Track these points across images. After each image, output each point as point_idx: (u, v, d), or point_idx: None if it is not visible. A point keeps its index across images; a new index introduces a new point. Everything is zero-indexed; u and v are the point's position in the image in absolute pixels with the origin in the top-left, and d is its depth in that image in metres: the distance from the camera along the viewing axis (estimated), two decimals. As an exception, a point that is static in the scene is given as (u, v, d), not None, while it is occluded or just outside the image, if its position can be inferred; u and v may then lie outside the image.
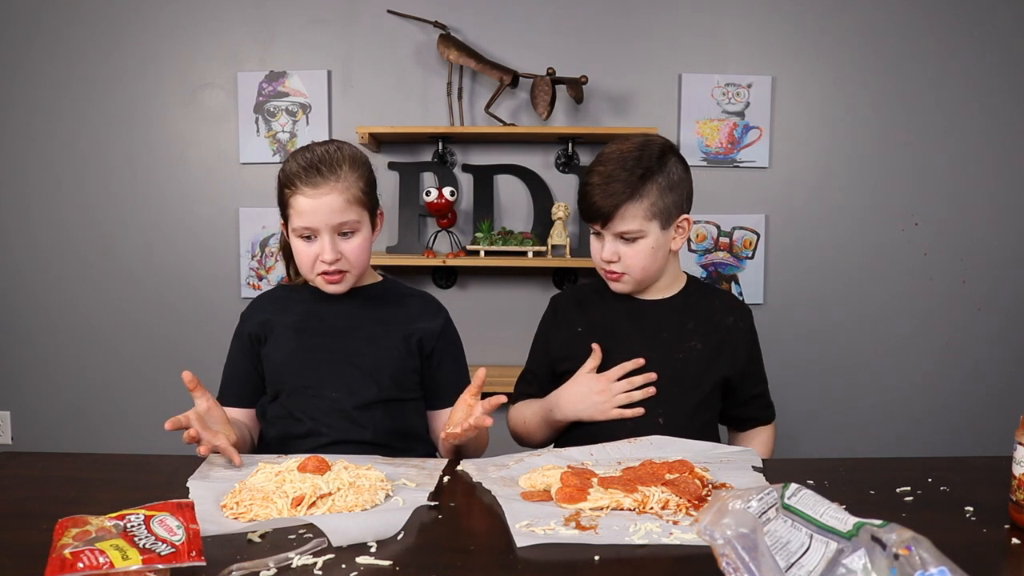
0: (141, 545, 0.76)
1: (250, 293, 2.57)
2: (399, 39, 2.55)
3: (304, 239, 1.34)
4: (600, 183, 1.37)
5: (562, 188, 2.57)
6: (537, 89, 2.43)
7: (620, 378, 1.40)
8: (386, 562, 0.84)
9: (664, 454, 1.20)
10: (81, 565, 0.71)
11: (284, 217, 1.38)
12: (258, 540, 0.90)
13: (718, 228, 2.60)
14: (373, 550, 0.87)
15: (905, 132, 2.56)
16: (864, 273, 2.60)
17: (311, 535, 0.89)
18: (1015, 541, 0.91)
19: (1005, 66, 2.53)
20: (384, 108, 2.57)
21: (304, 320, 1.41)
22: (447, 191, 2.43)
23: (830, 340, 2.62)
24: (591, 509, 0.99)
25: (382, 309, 1.44)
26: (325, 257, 1.32)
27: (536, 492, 1.05)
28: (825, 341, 2.61)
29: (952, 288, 2.60)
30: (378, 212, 1.42)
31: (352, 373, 1.37)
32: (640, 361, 1.40)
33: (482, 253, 2.44)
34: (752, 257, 2.60)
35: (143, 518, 0.80)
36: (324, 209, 1.30)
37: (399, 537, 0.91)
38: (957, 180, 2.57)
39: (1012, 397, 2.57)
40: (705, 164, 2.57)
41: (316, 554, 0.85)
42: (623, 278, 1.43)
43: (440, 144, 2.54)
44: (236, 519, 0.95)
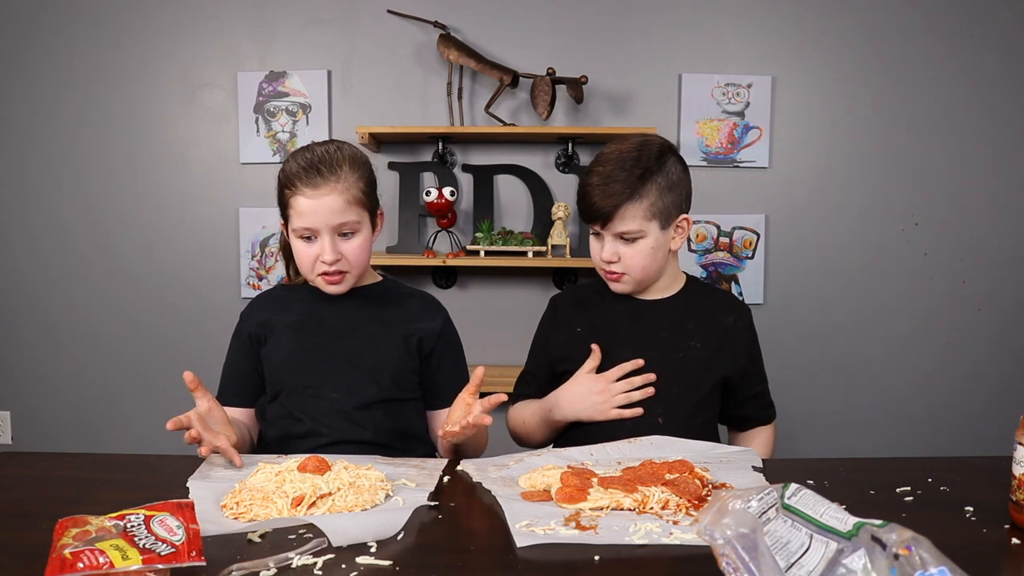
0: (141, 545, 0.76)
1: (250, 293, 2.57)
2: (399, 39, 2.55)
3: (304, 240, 1.34)
4: (599, 183, 1.37)
5: (562, 188, 2.57)
6: (537, 89, 2.42)
7: (620, 378, 1.40)
8: (386, 562, 0.84)
9: (664, 454, 1.20)
10: (81, 565, 0.72)
11: (284, 217, 1.38)
12: (258, 540, 0.90)
13: (718, 228, 2.60)
14: (373, 550, 0.87)
15: (905, 132, 2.56)
16: (864, 273, 2.60)
17: (311, 535, 0.89)
18: (1015, 541, 0.91)
19: (1005, 66, 2.53)
20: (384, 108, 2.57)
21: (304, 320, 1.41)
22: (447, 191, 2.43)
23: (830, 340, 2.62)
24: (591, 509, 0.99)
25: (382, 309, 1.43)
26: (325, 258, 1.32)
27: (536, 492, 1.05)
28: (825, 341, 2.62)
29: (952, 288, 2.60)
30: (378, 212, 1.42)
31: (352, 373, 1.37)
32: (640, 362, 1.40)
33: (482, 253, 2.44)
34: (752, 257, 2.60)
35: (143, 518, 0.80)
36: (324, 210, 1.30)
37: (399, 537, 0.91)
38: (957, 180, 2.57)
39: (1012, 397, 2.57)
40: (705, 164, 2.57)
41: (316, 554, 0.85)
42: (623, 278, 1.43)
43: (440, 144, 2.54)
44: (236, 519, 0.95)
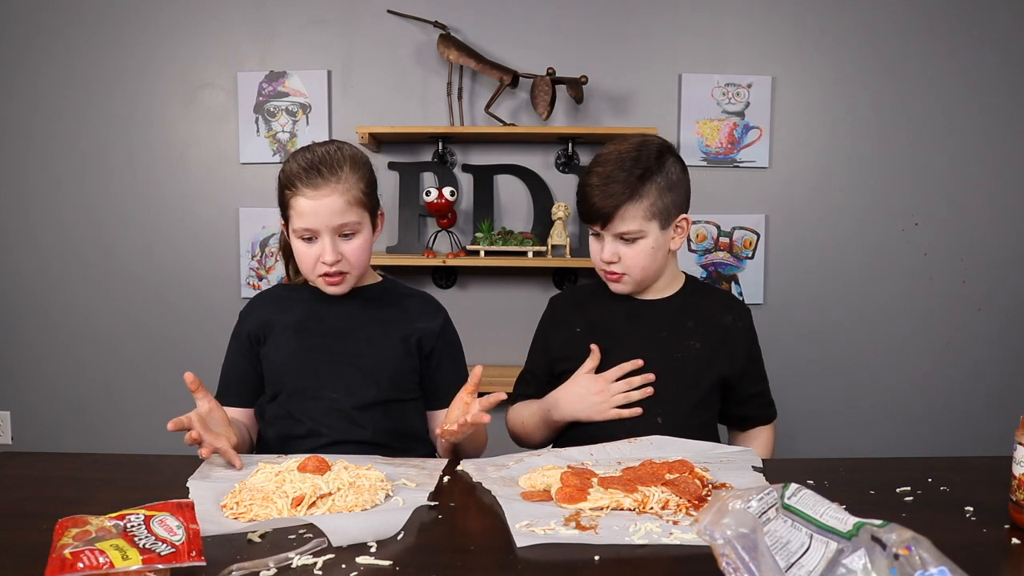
0: (141, 545, 0.76)
1: (250, 293, 2.57)
2: (399, 39, 2.55)
3: (305, 240, 1.34)
4: (599, 184, 1.37)
5: (562, 188, 2.57)
6: (537, 89, 2.42)
7: (619, 379, 1.40)
8: (386, 562, 0.84)
9: (664, 454, 1.20)
10: (81, 565, 0.71)
11: (285, 218, 1.37)
12: (258, 540, 0.90)
13: (718, 228, 2.60)
14: (373, 550, 0.87)
15: (905, 132, 2.56)
16: (864, 273, 2.60)
17: (311, 535, 0.89)
18: (1015, 541, 0.91)
19: (1005, 66, 2.53)
20: (384, 108, 2.57)
21: (304, 321, 1.41)
22: (447, 191, 2.43)
23: (830, 340, 2.62)
24: (591, 509, 0.99)
25: (382, 309, 1.43)
26: (326, 258, 1.32)
27: (536, 492, 1.05)
28: (825, 341, 2.61)
29: (952, 288, 2.60)
30: (379, 213, 1.42)
31: (352, 374, 1.37)
32: (639, 362, 1.40)
33: (482, 253, 2.44)
34: (752, 257, 2.60)
35: (143, 518, 0.80)
36: (325, 210, 1.30)
37: (399, 537, 0.91)
38: (957, 180, 2.57)
39: (1012, 397, 2.57)
40: (705, 164, 2.57)
41: (316, 554, 0.85)
42: (623, 279, 1.43)
43: (440, 144, 2.54)
44: (236, 519, 0.95)
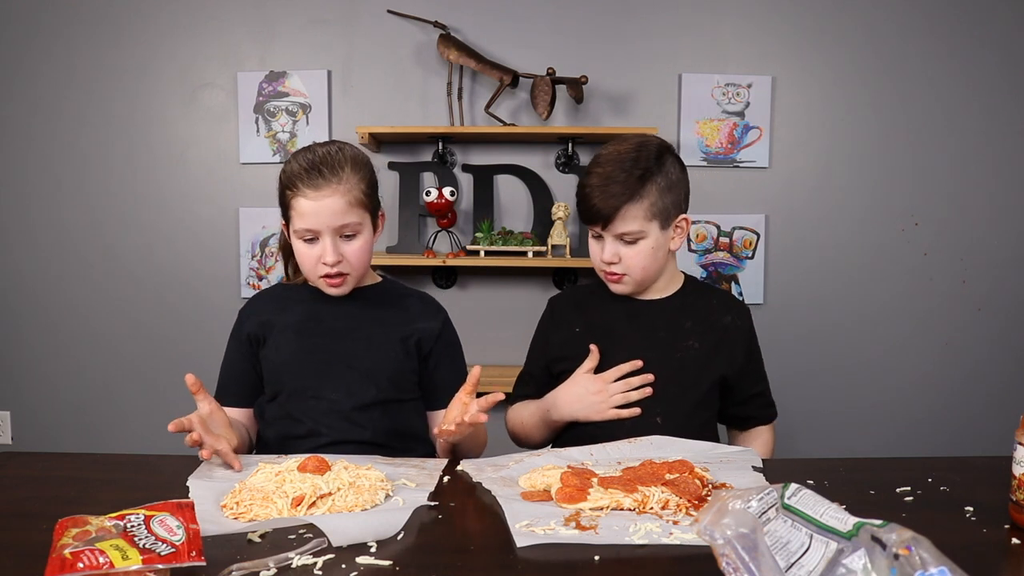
0: (141, 545, 0.76)
1: (250, 293, 2.57)
2: (399, 39, 2.55)
3: (306, 241, 1.34)
4: (599, 185, 1.37)
5: (562, 188, 2.57)
6: (537, 89, 2.42)
7: (618, 379, 1.40)
8: (386, 562, 0.84)
9: (664, 454, 1.20)
10: (81, 565, 0.71)
11: (285, 218, 1.37)
12: (258, 540, 0.90)
13: (718, 228, 2.60)
14: (373, 550, 0.87)
15: (905, 132, 2.56)
16: (864, 273, 2.60)
17: (311, 535, 0.89)
18: (1015, 541, 0.91)
19: (1005, 66, 2.53)
20: (384, 108, 2.57)
21: (303, 321, 1.41)
22: (447, 191, 2.43)
23: (830, 340, 2.62)
24: (591, 509, 0.99)
25: (381, 310, 1.43)
26: (327, 259, 1.32)
27: (536, 492, 1.05)
28: (825, 341, 2.61)
29: (952, 288, 2.60)
30: (379, 213, 1.42)
31: (351, 375, 1.37)
32: (638, 363, 1.40)
33: (482, 253, 2.44)
34: (752, 257, 2.60)
35: (143, 518, 0.80)
36: (326, 211, 1.30)
37: (399, 537, 0.91)
38: (957, 180, 2.57)
39: (1012, 397, 2.57)
40: (705, 164, 2.57)
41: (316, 554, 0.85)
42: (624, 279, 1.43)
43: (440, 144, 2.54)
44: (236, 519, 0.95)
